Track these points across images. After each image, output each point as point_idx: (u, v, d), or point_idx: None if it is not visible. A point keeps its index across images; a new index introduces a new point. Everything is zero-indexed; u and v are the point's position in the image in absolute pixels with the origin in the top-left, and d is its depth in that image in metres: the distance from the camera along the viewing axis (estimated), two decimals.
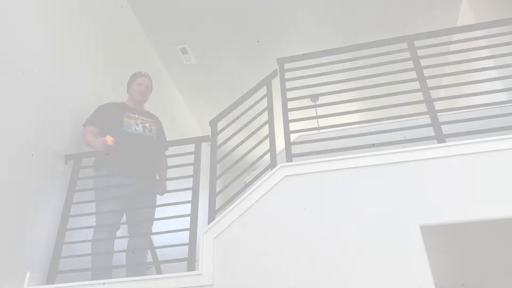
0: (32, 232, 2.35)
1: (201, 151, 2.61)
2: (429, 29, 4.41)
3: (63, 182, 2.67)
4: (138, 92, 3.04)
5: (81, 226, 2.56)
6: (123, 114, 2.93)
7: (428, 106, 2.32)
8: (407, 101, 2.46)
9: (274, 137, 2.41)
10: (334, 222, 2.01)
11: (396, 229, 1.93)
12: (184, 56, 4.69)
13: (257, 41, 4.56)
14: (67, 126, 2.84)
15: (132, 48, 4.07)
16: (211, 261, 2.03)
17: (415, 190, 2.02)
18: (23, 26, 2.57)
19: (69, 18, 3.11)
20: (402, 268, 1.83)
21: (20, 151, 2.36)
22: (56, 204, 2.58)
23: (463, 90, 4.24)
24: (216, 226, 2.14)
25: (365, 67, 2.51)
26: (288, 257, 1.96)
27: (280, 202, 2.13)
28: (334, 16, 4.31)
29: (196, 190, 2.45)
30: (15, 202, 2.26)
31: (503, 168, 1.99)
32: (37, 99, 2.57)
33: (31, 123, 2.48)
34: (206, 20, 4.30)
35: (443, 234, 2.02)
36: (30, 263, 2.28)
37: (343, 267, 1.89)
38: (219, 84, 5.14)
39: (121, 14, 3.94)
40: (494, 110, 2.57)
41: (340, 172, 2.16)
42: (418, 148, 2.13)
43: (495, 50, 3.58)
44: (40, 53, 2.69)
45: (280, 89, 2.58)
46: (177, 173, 4.61)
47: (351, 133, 2.62)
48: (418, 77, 2.45)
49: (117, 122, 2.87)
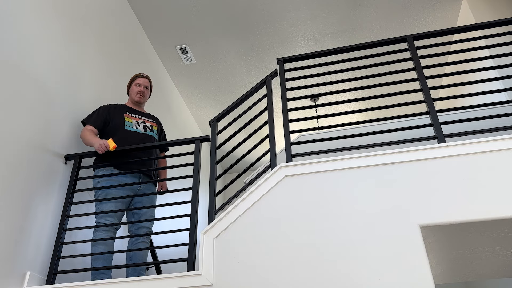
0: (32, 232, 2.35)
1: (201, 151, 2.60)
2: (429, 29, 4.44)
3: (63, 182, 2.67)
4: (137, 92, 3.06)
5: (81, 226, 2.56)
6: (124, 114, 2.94)
7: (428, 106, 2.32)
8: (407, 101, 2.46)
9: (274, 137, 2.41)
10: (334, 222, 2.01)
11: (396, 229, 1.93)
12: (184, 56, 4.69)
13: (257, 41, 4.56)
14: (67, 126, 2.84)
15: (132, 48, 4.07)
16: (211, 261, 2.03)
17: (415, 190, 2.02)
18: (24, 26, 2.57)
19: (69, 18, 3.11)
20: (402, 268, 1.83)
21: (20, 151, 2.36)
22: (56, 204, 2.58)
23: (463, 90, 4.26)
24: (216, 226, 2.14)
25: (365, 67, 2.51)
26: (288, 257, 1.96)
27: (280, 202, 2.13)
28: (334, 16, 4.31)
29: (196, 190, 2.45)
30: (15, 202, 2.26)
31: (503, 168, 1.99)
32: (37, 99, 2.57)
33: (31, 123, 2.48)
34: (206, 20, 4.30)
35: (443, 234, 2.02)
36: (30, 263, 2.29)
37: (343, 267, 1.89)
38: (219, 84, 5.15)
39: (121, 14, 3.94)
40: (494, 110, 2.58)
41: (340, 172, 2.16)
42: (418, 148, 2.13)
43: (495, 50, 3.59)
44: (40, 53, 2.69)
45: (280, 89, 2.58)
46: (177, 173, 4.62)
47: (351, 133, 2.62)
48: (418, 77, 2.45)
49: (118, 122, 2.88)
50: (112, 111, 2.94)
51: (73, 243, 2.51)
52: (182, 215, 2.40)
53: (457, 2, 4.18)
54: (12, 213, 2.23)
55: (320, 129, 2.41)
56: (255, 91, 2.68)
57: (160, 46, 4.56)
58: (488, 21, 2.53)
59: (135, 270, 2.58)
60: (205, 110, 5.58)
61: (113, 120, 2.89)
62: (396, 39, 2.61)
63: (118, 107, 3.01)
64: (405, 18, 4.34)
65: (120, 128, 2.85)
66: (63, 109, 2.83)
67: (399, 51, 2.55)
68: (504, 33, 2.49)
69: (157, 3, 4.10)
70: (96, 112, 2.93)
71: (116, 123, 2.88)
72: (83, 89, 3.11)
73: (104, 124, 2.87)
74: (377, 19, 4.36)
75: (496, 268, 2.44)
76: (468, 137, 2.54)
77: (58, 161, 2.67)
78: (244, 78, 5.09)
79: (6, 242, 2.16)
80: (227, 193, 6.71)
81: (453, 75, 2.45)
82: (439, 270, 2.47)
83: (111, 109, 2.96)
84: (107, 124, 2.88)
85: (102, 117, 2.88)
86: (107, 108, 2.96)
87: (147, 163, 2.87)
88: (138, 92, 3.06)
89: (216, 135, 2.59)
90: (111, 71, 3.57)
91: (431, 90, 2.42)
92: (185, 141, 2.68)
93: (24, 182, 2.35)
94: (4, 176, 2.22)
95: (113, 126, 2.87)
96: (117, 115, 2.92)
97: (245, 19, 4.31)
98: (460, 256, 2.26)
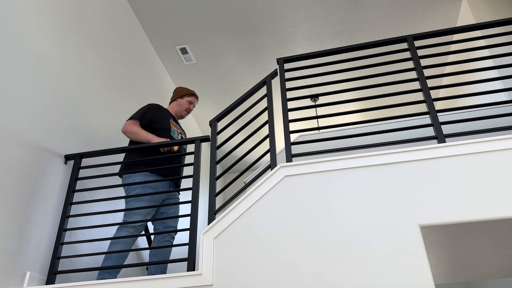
0: (32, 232, 2.35)
1: (201, 151, 2.60)
2: (429, 29, 4.44)
3: (63, 182, 2.67)
4: (186, 109, 3.20)
5: (81, 226, 2.56)
6: (169, 120, 3.02)
7: (428, 106, 2.32)
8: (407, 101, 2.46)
9: (274, 137, 2.41)
10: (334, 222, 2.01)
11: (396, 229, 1.93)
12: (184, 56, 4.69)
13: (257, 41, 4.57)
14: (67, 126, 2.84)
15: (132, 48, 4.07)
16: (211, 261, 2.03)
17: (415, 190, 2.02)
18: (23, 26, 2.57)
19: (69, 18, 3.11)
20: (402, 268, 1.83)
21: (20, 151, 2.36)
22: (56, 204, 2.58)
23: (463, 90, 4.26)
24: (216, 226, 2.14)
25: (365, 67, 2.51)
26: (288, 257, 1.96)
27: (280, 202, 2.13)
28: (334, 16, 4.31)
29: (196, 190, 2.45)
30: (15, 202, 2.26)
31: (503, 168, 1.99)
32: (37, 98, 2.58)
33: (31, 123, 2.48)
34: (206, 20, 4.31)
35: (443, 234, 2.02)
36: (30, 263, 2.29)
37: (343, 267, 1.89)
38: (219, 84, 5.15)
39: (121, 14, 3.94)
40: (494, 110, 2.58)
41: (340, 172, 2.16)
42: (418, 148, 2.13)
43: (495, 50, 3.59)
44: (40, 53, 2.69)
45: (280, 89, 2.57)
46: None
47: (351, 133, 2.62)
48: (418, 77, 2.45)
49: (167, 125, 2.94)
50: (160, 112, 3.01)
51: (73, 243, 2.51)
52: (182, 215, 2.40)
53: (457, 2, 4.18)
54: (12, 213, 2.23)
55: (320, 129, 2.41)
56: (255, 91, 2.68)
57: (160, 46, 4.56)
58: (488, 21, 2.53)
59: (159, 267, 2.62)
60: (205, 110, 5.58)
61: (161, 121, 2.95)
62: (396, 39, 2.61)
63: (164, 110, 3.09)
64: (405, 18, 4.34)
65: (166, 132, 2.91)
66: (63, 109, 2.83)
67: (399, 51, 2.55)
68: (504, 33, 2.49)
69: (157, 3, 4.10)
70: (145, 109, 2.98)
71: (164, 125, 2.94)
72: (83, 89, 3.11)
73: (150, 122, 2.91)
74: (377, 19, 4.36)
75: (496, 268, 2.44)
76: (468, 137, 2.55)
77: (58, 161, 2.67)
78: (244, 78, 5.09)
79: (6, 242, 2.16)
80: (227, 193, 6.71)
81: (453, 75, 2.45)
82: (439, 270, 2.47)
83: (159, 110, 3.03)
84: (153, 122, 2.92)
85: (150, 115, 2.93)
86: (156, 107, 3.03)
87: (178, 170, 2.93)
88: (187, 110, 3.21)
89: (216, 135, 2.59)
90: (111, 70, 3.57)
91: (431, 90, 2.42)
92: (185, 141, 2.68)
93: (24, 182, 2.35)
94: (4, 176, 2.22)
95: (161, 127, 2.91)
96: (164, 119, 2.99)
97: (245, 19, 4.31)
98: (460, 256, 2.26)
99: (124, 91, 3.75)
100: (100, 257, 2.81)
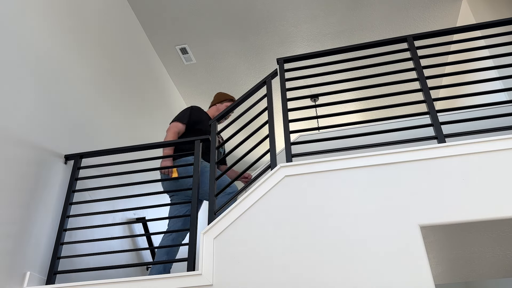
0: (32, 232, 2.35)
1: (201, 151, 2.60)
2: (429, 29, 4.44)
3: (63, 182, 2.67)
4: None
5: (81, 226, 2.56)
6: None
7: (428, 106, 2.32)
8: (407, 101, 2.46)
9: (274, 137, 2.41)
10: (334, 222, 2.01)
11: (396, 229, 1.93)
12: (184, 56, 4.69)
13: (257, 41, 4.56)
14: (67, 126, 2.84)
15: (132, 48, 4.07)
16: (211, 261, 2.03)
17: (415, 190, 2.02)
18: (23, 26, 2.57)
19: (69, 18, 3.11)
20: (402, 268, 1.83)
21: (20, 151, 2.36)
22: (56, 204, 2.58)
23: (463, 90, 4.26)
24: (216, 226, 2.14)
25: (365, 67, 2.51)
26: (288, 257, 1.96)
27: (280, 202, 2.13)
28: (334, 16, 4.31)
29: (196, 190, 2.45)
30: (15, 202, 2.26)
31: (503, 168, 1.99)
32: (37, 98, 2.57)
33: (31, 123, 2.48)
34: (206, 20, 4.31)
35: (443, 234, 2.02)
36: (30, 263, 2.29)
37: (343, 267, 1.89)
38: (219, 84, 5.15)
39: (121, 14, 3.94)
40: (494, 110, 2.58)
41: (340, 172, 2.16)
42: (418, 148, 2.13)
43: (495, 50, 3.59)
44: (40, 53, 2.69)
45: (280, 89, 2.57)
46: None
47: (351, 133, 2.62)
48: (418, 77, 2.45)
49: (207, 128, 2.98)
50: (203, 115, 3.06)
51: (73, 243, 2.51)
52: (182, 215, 2.40)
53: (457, 2, 4.18)
54: (12, 213, 2.23)
55: (320, 129, 2.41)
56: (255, 91, 2.67)
57: (160, 46, 4.56)
58: (488, 21, 2.53)
59: (166, 267, 2.62)
60: (205, 110, 5.58)
61: (204, 124, 3.00)
62: (396, 39, 2.61)
63: (205, 112, 3.14)
64: (405, 18, 4.34)
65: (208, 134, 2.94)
66: (63, 109, 2.82)
67: (399, 51, 2.55)
68: (504, 33, 2.49)
69: (157, 3, 4.10)
70: (188, 110, 3.03)
71: (205, 127, 2.98)
72: (83, 89, 3.11)
73: (193, 124, 2.97)
74: (377, 19, 4.36)
75: (496, 268, 2.44)
76: (468, 137, 2.55)
77: (58, 161, 2.67)
78: (244, 78, 5.09)
79: (6, 242, 2.16)
80: None
81: (453, 75, 2.45)
82: (439, 270, 2.47)
83: (201, 112, 3.08)
84: (196, 124, 2.97)
85: (194, 117, 2.99)
86: (198, 109, 3.09)
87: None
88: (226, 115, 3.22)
89: (216, 135, 2.59)
90: (111, 70, 3.57)
91: (431, 90, 2.42)
92: (185, 141, 2.68)
93: (24, 182, 2.35)
94: (4, 176, 2.22)
95: (204, 129, 2.96)
96: (206, 121, 3.04)
97: (245, 19, 4.31)
98: (460, 256, 2.26)
99: (124, 91, 3.75)
100: (100, 257, 2.81)
